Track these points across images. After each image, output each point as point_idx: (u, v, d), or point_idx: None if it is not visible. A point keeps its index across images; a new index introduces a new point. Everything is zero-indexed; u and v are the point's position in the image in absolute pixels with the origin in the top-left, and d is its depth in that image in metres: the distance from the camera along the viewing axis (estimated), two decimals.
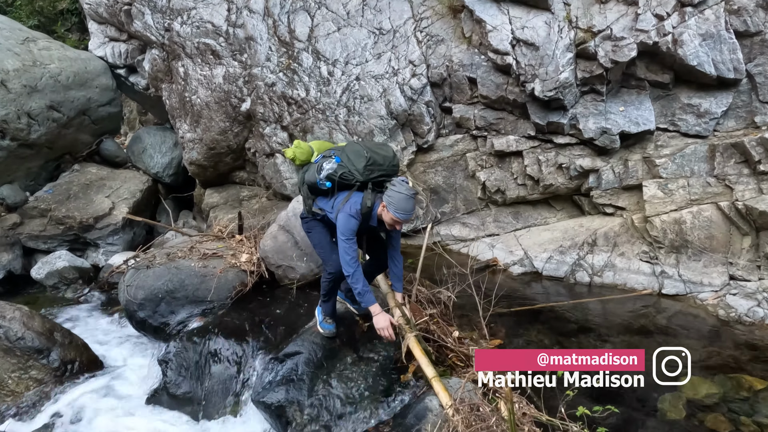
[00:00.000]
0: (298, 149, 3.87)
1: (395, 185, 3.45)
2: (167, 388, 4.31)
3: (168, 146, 8.63)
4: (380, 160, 3.60)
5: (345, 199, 3.60)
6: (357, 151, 3.62)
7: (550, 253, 5.90)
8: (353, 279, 3.54)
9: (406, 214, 3.42)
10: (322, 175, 3.63)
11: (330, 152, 3.73)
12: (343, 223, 3.52)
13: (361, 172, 3.55)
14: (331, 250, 3.90)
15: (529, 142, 6.11)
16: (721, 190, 5.32)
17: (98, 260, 7.41)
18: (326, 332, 4.11)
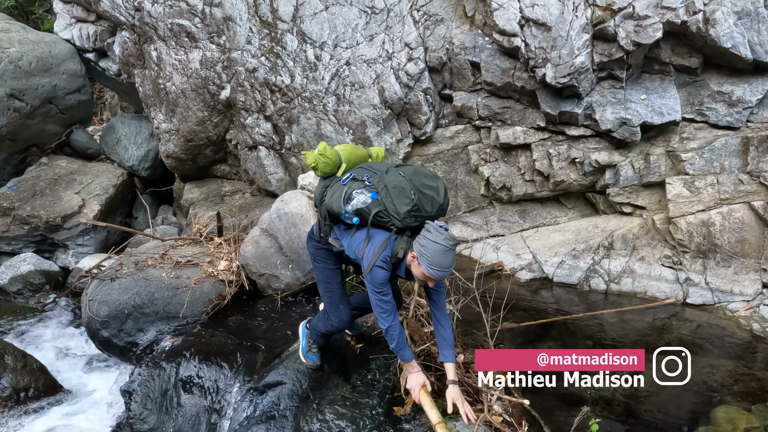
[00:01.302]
0: (322, 158, 3.05)
1: (430, 231, 2.69)
2: (131, 423, 3.78)
3: (144, 137, 8.01)
4: (428, 206, 2.81)
5: (366, 239, 2.89)
6: (400, 187, 2.79)
7: (561, 257, 5.37)
8: (389, 335, 2.95)
9: (442, 271, 2.67)
10: (349, 207, 2.87)
11: (363, 175, 2.95)
12: (370, 276, 2.85)
13: (401, 218, 2.77)
14: (340, 297, 3.32)
15: (539, 133, 5.56)
16: (754, 189, 4.80)
17: (68, 262, 6.84)
18: (308, 363, 3.59)
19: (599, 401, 3.72)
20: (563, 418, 3.32)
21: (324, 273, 3.30)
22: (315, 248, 3.28)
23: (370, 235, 2.87)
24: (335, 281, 3.31)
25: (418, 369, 3.09)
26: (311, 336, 3.53)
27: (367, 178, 2.91)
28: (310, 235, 3.30)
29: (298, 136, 6.04)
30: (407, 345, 3.06)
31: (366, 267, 2.83)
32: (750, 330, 4.50)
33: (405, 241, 2.81)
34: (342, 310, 3.31)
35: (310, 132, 5.95)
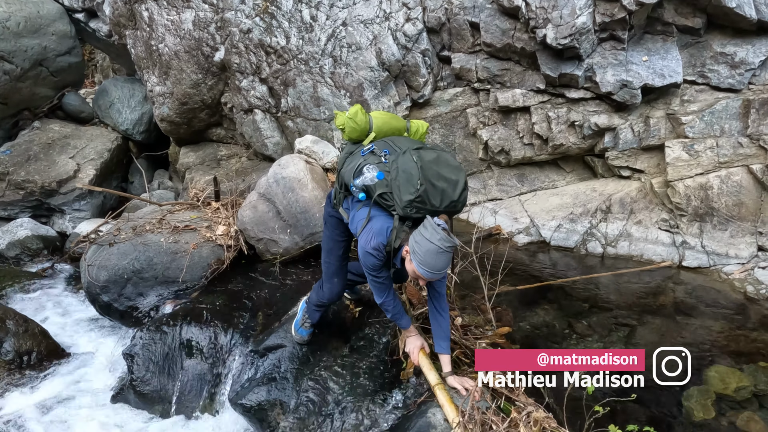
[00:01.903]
0: (351, 122, 2.90)
1: (426, 228, 2.47)
2: (134, 385, 3.84)
3: (137, 100, 7.88)
4: (435, 199, 2.54)
5: (367, 218, 2.73)
6: (409, 173, 2.53)
7: (559, 221, 5.37)
8: (384, 307, 2.96)
9: (432, 272, 2.50)
10: (358, 181, 2.75)
11: (383, 150, 2.77)
12: (362, 258, 2.74)
13: (402, 207, 2.55)
14: (336, 269, 3.24)
15: (538, 96, 5.46)
16: (753, 152, 4.77)
17: (65, 227, 6.82)
18: (296, 337, 3.58)
19: None
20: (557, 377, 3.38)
21: (329, 242, 3.21)
22: (328, 214, 3.19)
23: (372, 216, 2.73)
24: (336, 253, 3.21)
25: (416, 333, 3.10)
26: (308, 310, 3.49)
27: (385, 155, 2.74)
28: (328, 199, 3.20)
29: (294, 99, 5.94)
30: (404, 313, 3.04)
31: (359, 250, 2.73)
32: (744, 292, 4.54)
33: (404, 231, 2.63)
34: (335, 284, 3.25)
35: (307, 95, 5.85)
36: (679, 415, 3.31)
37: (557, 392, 3.04)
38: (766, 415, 3.31)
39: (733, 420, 3.26)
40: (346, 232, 3.12)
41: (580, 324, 4.20)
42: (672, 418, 3.27)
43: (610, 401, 2.92)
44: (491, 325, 3.91)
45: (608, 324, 4.21)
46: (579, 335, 4.07)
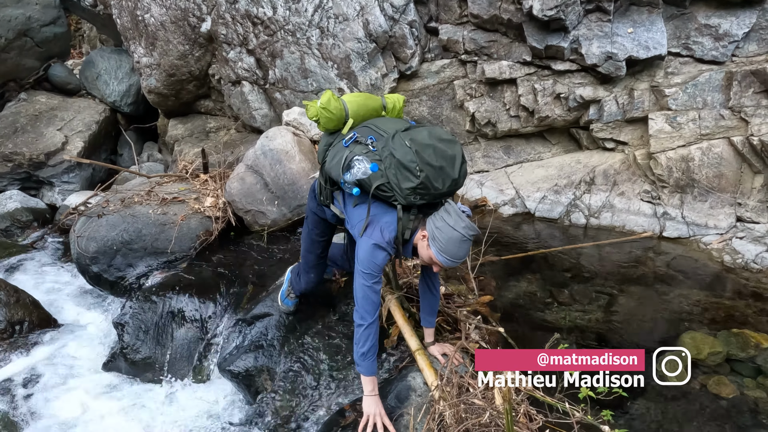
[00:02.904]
0: (324, 112, 2.64)
1: (450, 214, 2.33)
2: (124, 353, 3.92)
3: (125, 71, 7.80)
4: (438, 182, 2.34)
5: (368, 215, 2.52)
6: (405, 161, 2.32)
7: (543, 193, 5.44)
8: (365, 332, 2.55)
9: (452, 260, 2.37)
10: (349, 176, 2.49)
11: (368, 137, 2.52)
12: (366, 254, 2.45)
13: (405, 196, 2.37)
14: (313, 264, 3.22)
15: (525, 68, 5.47)
16: (735, 124, 4.82)
17: (54, 200, 6.83)
18: (282, 307, 3.61)
19: (573, 329, 3.89)
20: (536, 344, 3.48)
21: (308, 239, 3.14)
22: (310, 209, 3.03)
23: (373, 212, 2.52)
24: (315, 252, 3.17)
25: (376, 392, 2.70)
26: (292, 281, 3.49)
27: (371, 142, 2.49)
28: (312, 193, 3.00)
29: (282, 71, 5.93)
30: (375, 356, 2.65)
31: (364, 247, 2.47)
32: (721, 262, 4.65)
33: (412, 219, 2.46)
34: (311, 278, 3.25)
35: (294, 66, 5.84)
36: (653, 378, 3.42)
37: None
38: (736, 378, 3.44)
39: (705, 383, 3.38)
40: (327, 231, 3.09)
41: (561, 293, 4.30)
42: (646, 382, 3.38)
43: None
44: (474, 294, 4.00)
45: (589, 293, 4.31)
46: (560, 304, 4.17)
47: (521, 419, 2.62)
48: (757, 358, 3.59)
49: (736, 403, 3.22)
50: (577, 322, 3.95)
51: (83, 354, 4.20)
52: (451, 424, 2.46)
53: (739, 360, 3.58)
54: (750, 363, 3.55)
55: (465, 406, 2.51)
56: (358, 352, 2.58)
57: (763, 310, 4.07)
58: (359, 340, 2.56)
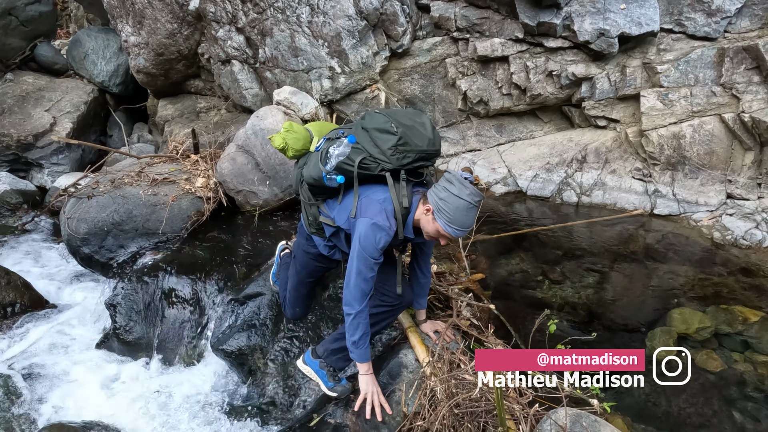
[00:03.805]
0: (290, 134, 2.68)
1: (453, 183, 2.27)
2: (117, 334, 3.93)
3: (112, 51, 7.68)
4: (416, 138, 2.33)
5: (356, 197, 2.44)
6: (379, 124, 2.36)
7: (535, 171, 5.44)
8: (356, 321, 2.47)
9: (462, 230, 2.30)
10: (329, 165, 2.44)
11: (337, 132, 2.55)
12: (366, 235, 2.32)
13: (389, 156, 2.33)
14: (301, 299, 3.20)
15: (517, 45, 5.43)
16: (726, 101, 4.82)
17: (44, 181, 6.76)
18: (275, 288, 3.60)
19: (564, 306, 3.93)
20: (527, 321, 3.53)
21: (296, 278, 3.10)
22: (299, 249, 2.97)
23: (361, 193, 2.44)
24: (302, 291, 3.16)
25: (371, 372, 2.68)
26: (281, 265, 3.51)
27: (341, 134, 2.51)
28: (300, 228, 2.96)
29: (272, 50, 5.85)
30: (368, 342, 2.61)
31: (360, 233, 2.35)
32: (711, 238, 4.69)
33: (404, 187, 2.39)
34: (297, 312, 3.27)
35: (284, 45, 5.76)
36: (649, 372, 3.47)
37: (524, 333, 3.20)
38: (724, 352, 3.49)
39: (693, 358, 3.43)
40: (316, 271, 3.02)
41: (553, 271, 4.32)
42: None
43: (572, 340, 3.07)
44: (465, 272, 4.02)
45: (580, 271, 4.34)
46: (552, 281, 4.20)
47: (511, 394, 2.65)
48: (744, 332, 3.64)
49: (724, 376, 3.27)
50: (568, 299, 3.98)
51: (76, 335, 4.20)
52: (441, 400, 2.48)
53: (727, 335, 3.63)
54: (738, 337, 3.61)
55: (456, 382, 2.54)
56: (350, 340, 2.53)
57: (752, 285, 4.12)
58: (350, 329, 2.50)
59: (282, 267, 3.46)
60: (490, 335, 3.20)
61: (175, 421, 3.36)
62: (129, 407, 3.47)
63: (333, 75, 5.70)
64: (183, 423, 3.34)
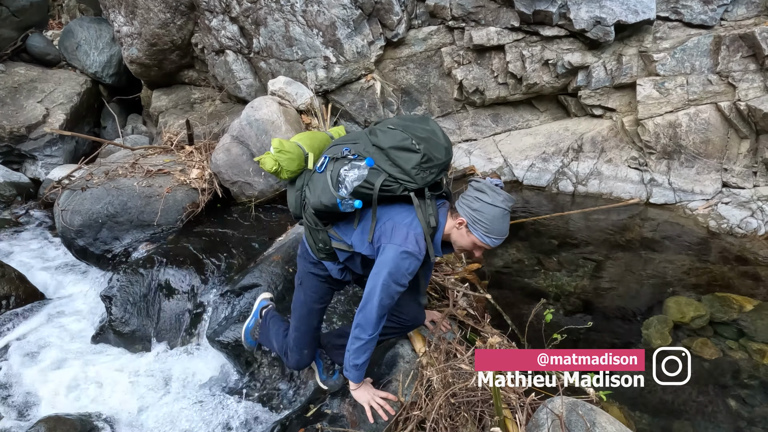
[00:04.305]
0: (282, 155, 2.41)
1: (485, 192, 2.16)
2: (113, 326, 3.91)
3: (105, 41, 7.60)
4: (436, 151, 2.18)
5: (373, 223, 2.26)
6: (397, 142, 2.17)
7: (531, 161, 5.43)
8: (360, 347, 2.36)
9: (500, 238, 2.20)
10: (344, 191, 2.21)
11: (342, 150, 2.28)
12: (396, 265, 2.17)
13: (414, 176, 2.17)
14: (309, 340, 2.75)
15: (513, 34, 5.39)
16: (722, 89, 4.81)
17: (38, 174, 6.71)
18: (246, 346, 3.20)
19: (560, 296, 3.94)
20: (523, 310, 3.53)
21: (303, 307, 2.71)
22: (304, 273, 2.66)
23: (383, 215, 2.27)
24: (310, 323, 2.74)
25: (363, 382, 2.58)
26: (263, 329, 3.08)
27: (347, 152, 2.27)
28: (302, 253, 2.66)
29: (266, 39, 5.81)
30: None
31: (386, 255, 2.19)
32: (707, 227, 4.69)
33: (430, 204, 2.25)
34: (304, 357, 2.78)
35: (279, 35, 5.72)
36: (637, 342, 3.49)
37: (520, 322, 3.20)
38: (718, 340, 3.51)
39: (689, 346, 3.45)
40: (326, 295, 2.71)
41: (549, 260, 4.33)
42: (631, 346, 3.45)
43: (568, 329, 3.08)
44: (461, 262, 4.02)
45: (576, 260, 4.35)
46: (548, 270, 4.21)
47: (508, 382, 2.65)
48: (739, 320, 3.66)
49: (719, 364, 3.29)
50: (564, 289, 3.99)
51: (71, 327, 4.17)
52: (438, 389, 2.48)
53: (722, 323, 3.65)
54: (733, 325, 3.63)
55: (452, 372, 2.54)
56: (352, 362, 2.39)
57: (747, 273, 4.13)
58: (356, 353, 2.37)
59: (264, 325, 3.07)
60: (487, 325, 3.20)
61: (172, 412, 3.35)
62: (125, 399, 3.46)
63: (328, 65, 5.66)
64: (180, 414, 3.33)
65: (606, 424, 2.29)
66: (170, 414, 3.33)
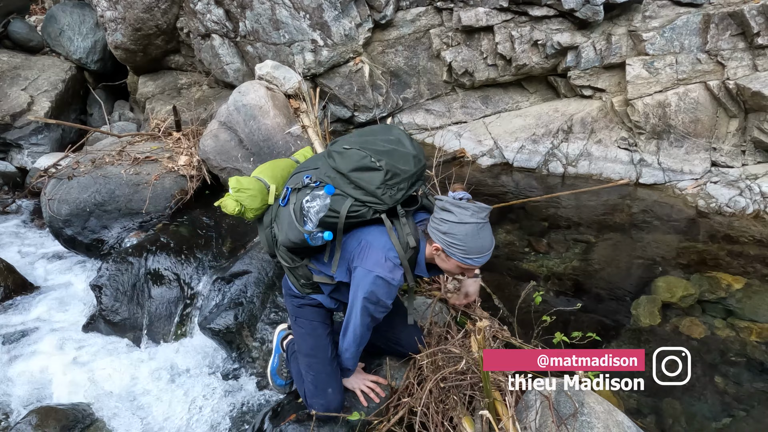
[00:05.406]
0: (242, 194, 2.27)
1: (450, 210, 1.97)
2: (103, 315, 3.90)
3: (89, 27, 7.46)
4: (401, 163, 2.01)
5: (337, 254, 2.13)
6: (355, 163, 2.01)
7: (521, 143, 5.41)
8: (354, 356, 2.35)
9: (482, 256, 2.02)
10: (310, 225, 2.07)
11: (302, 179, 2.14)
12: (371, 291, 2.04)
13: (381, 196, 1.99)
14: (329, 374, 2.40)
15: (501, 15, 5.34)
16: (711, 68, 4.80)
17: (24, 162, 6.63)
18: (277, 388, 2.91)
19: (550, 277, 3.95)
20: (513, 292, 3.54)
21: (311, 338, 2.43)
22: (295, 307, 2.46)
23: (356, 237, 2.11)
24: (325, 354, 2.42)
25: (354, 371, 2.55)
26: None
27: (308, 180, 2.11)
28: (288, 291, 2.50)
29: (252, 23, 5.72)
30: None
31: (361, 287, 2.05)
32: (695, 207, 4.71)
33: (405, 224, 2.07)
34: (330, 395, 2.39)
35: (265, 18, 5.63)
36: (627, 322, 3.51)
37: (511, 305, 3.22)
38: (706, 319, 3.54)
39: (677, 325, 3.48)
40: (328, 318, 2.49)
41: (539, 242, 4.34)
42: (620, 326, 3.47)
43: (558, 311, 3.10)
44: None
45: (567, 241, 4.36)
46: (538, 252, 4.22)
47: None
48: (727, 299, 3.69)
49: (706, 342, 3.32)
50: (555, 270, 4.01)
51: (62, 317, 4.17)
52: (428, 375, 2.49)
53: (710, 302, 3.67)
54: (721, 304, 3.65)
55: (442, 355, 2.55)
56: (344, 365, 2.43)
57: (735, 252, 4.16)
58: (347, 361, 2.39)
59: (291, 359, 2.73)
60: (477, 308, 3.21)
61: (164, 399, 3.36)
62: (117, 387, 3.47)
63: (315, 48, 5.60)
64: (171, 401, 3.34)
65: (594, 404, 2.31)
66: (162, 401, 3.34)
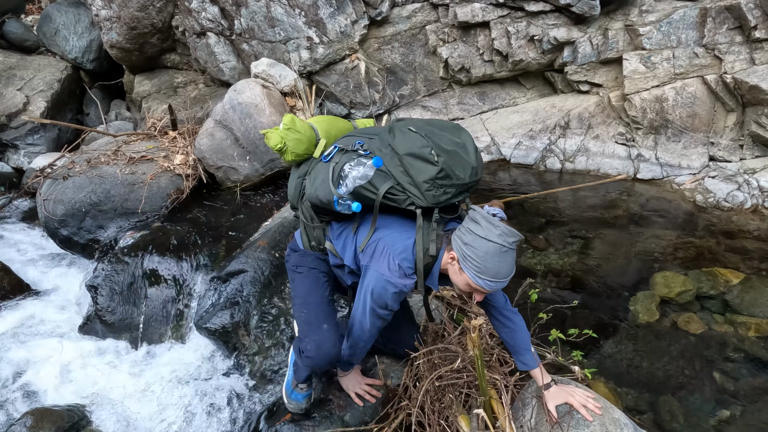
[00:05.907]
0: (291, 133, 2.16)
1: (478, 222, 1.81)
2: (100, 316, 3.89)
3: (84, 26, 7.42)
4: (458, 168, 1.87)
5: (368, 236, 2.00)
6: (415, 149, 1.86)
7: (519, 139, 5.40)
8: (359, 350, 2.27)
9: (495, 281, 1.84)
10: (344, 189, 1.95)
11: (354, 143, 2.03)
12: (379, 294, 1.96)
13: (424, 192, 1.85)
14: (323, 316, 2.26)
15: (498, 10, 5.31)
16: (709, 62, 4.78)
17: (20, 163, 6.61)
18: (293, 405, 2.51)
19: (548, 273, 3.94)
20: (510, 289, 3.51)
21: (305, 283, 2.32)
22: (299, 255, 2.35)
23: (380, 226, 1.99)
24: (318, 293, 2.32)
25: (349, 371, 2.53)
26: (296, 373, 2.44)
27: (360, 146, 1.99)
28: (292, 248, 2.40)
29: (248, 21, 5.70)
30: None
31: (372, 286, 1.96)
32: (693, 201, 4.69)
33: (434, 229, 1.92)
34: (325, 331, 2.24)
35: (260, 15, 5.61)
36: (624, 319, 3.50)
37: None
38: (704, 315, 3.53)
39: (675, 321, 3.47)
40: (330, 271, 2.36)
41: (537, 238, 4.33)
42: (618, 322, 3.46)
43: (555, 308, 3.09)
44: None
45: (564, 237, 4.35)
46: (536, 249, 4.21)
47: (493, 363, 2.66)
48: (726, 294, 3.68)
49: (705, 338, 3.31)
50: (552, 266, 4.00)
51: (58, 318, 4.15)
52: (424, 374, 2.48)
53: (708, 297, 3.67)
54: (719, 299, 3.64)
55: (439, 353, 2.54)
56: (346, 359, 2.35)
57: (733, 247, 4.15)
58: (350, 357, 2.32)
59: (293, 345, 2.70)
60: (474, 305, 3.20)
61: (161, 399, 3.36)
62: (114, 388, 3.46)
63: (311, 45, 5.57)
64: (169, 401, 3.33)
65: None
66: (158, 402, 3.33)
